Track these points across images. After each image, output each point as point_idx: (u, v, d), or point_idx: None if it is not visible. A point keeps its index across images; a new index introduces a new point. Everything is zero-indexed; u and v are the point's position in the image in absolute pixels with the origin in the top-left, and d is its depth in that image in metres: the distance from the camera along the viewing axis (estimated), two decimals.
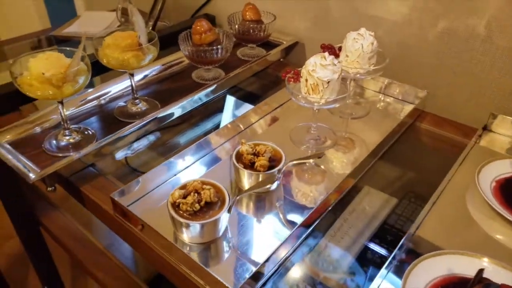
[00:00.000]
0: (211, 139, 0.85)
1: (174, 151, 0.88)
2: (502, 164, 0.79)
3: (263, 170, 0.71)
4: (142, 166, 0.85)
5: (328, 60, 0.76)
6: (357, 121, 0.96)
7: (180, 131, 0.96)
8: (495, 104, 0.94)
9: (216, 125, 0.99)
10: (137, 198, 0.73)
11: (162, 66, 1.11)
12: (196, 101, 0.99)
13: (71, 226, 1.17)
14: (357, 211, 0.76)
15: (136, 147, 0.89)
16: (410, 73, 1.04)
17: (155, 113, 0.91)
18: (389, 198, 0.80)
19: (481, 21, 0.90)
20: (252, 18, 1.11)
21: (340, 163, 0.84)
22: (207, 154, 0.84)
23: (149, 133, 0.92)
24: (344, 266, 0.66)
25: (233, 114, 1.05)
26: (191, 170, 0.81)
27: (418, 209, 0.77)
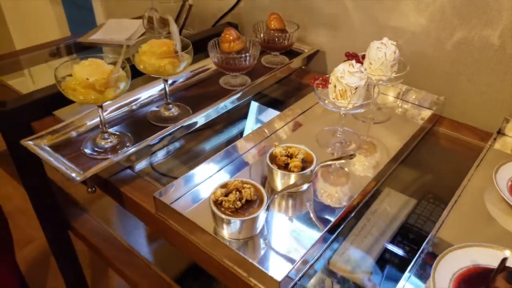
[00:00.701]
0: (240, 144, 0.90)
1: (203, 155, 0.93)
2: None
3: (297, 170, 0.75)
4: (174, 169, 0.90)
5: (356, 67, 0.81)
6: (379, 126, 1.01)
7: (207, 136, 1.00)
8: (509, 110, 0.99)
9: (242, 131, 1.04)
10: (177, 197, 0.77)
11: (190, 73, 1.16)
12: (226, 106, 1.04)
13: (100, 227, 1.21)
14: (379, 212, 0.80)
15: (167, 151, 0.94)
16: (427, 80, 1.09)
17: (189, 117, 0.96)
18: (409, 199, 0.84)
19: (495, 32, 0.95)
20: (277, 27, 1.16)
21: (364, 167, 0.88)
22: (236, 158, 0.89)
23: (179, 138, 0.96)
24: (367, 263, 0.69)
25: (258, 119, 1.10)
26: (223, 172, 0.86)
27: (437, 209, 0.81)
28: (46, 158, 0.84)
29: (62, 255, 1.31)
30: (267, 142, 0.95)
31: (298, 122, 1.03)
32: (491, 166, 0.83)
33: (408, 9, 1.05)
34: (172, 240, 0.76)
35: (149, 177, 0.86)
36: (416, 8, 1.04)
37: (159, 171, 0.89)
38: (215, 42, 1.08)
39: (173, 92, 1.10)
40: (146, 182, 0.84)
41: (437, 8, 1.01)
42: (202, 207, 0.76)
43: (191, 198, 0.78)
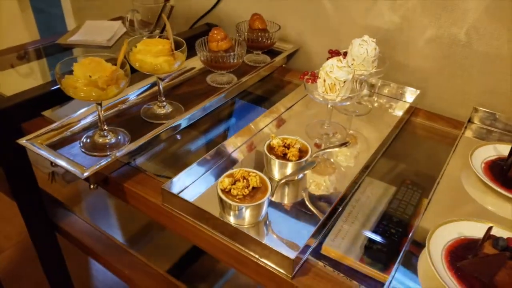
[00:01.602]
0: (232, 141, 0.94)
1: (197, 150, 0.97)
2: (487, 149, 0.93)
3: (295, 159, 0.81)
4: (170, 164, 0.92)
5: (344, 62, 0.87)
6: (361, 118, 1.08)
7: (198, 133, 1.04)
8: (477, 100, 1.09)
9: (229, 129, 1.07)
10: (182, 189, 0.81)
11: (176, 72, 1.18)
12: (217, 103, 1.08)
13: (89, 227, 1.22)
14: (362, 200, 0.85)
15: (162, 146, 0.96)
16: (402, 75, 1.18)
17: (184, 114, 0.99)
18: (389, 186, 0.89)
19: (461, 30, 1.04)
20: (260, 27, 1.21)
21: (350, 157, 0.95)
22: (230, 153, 0.93)
23: (173, 134, 0.99)
24: (357, 247, 0.74)
25: (245, 116, 1.13)
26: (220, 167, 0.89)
27: (415, 194, 0.86)
28: (48, 156, 0.85)
29: (49, 258, 1.30)
30: (257, 138, 0.99)
31: (286, 117, 1.08)
32: (465, 152, 0.92)
33: (383, 9, 1.13)
34: (180, 230, 0.79)
35: (148, 172, 0.89)
36: (390, 8, 1.12)
37: (155, 166, 0.92)
38: (202, 41, 1.12)
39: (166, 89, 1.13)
40: (147, 176, 0.86)
41: (409, 7, 1.09)
42: (205, 197, 0.80)
43: (194, 190, 0.82)
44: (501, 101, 1.06)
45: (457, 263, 0.64)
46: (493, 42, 1.01)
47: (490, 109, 1.05)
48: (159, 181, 0.85)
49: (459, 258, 0.65)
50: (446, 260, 0.65)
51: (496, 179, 0.85)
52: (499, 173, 0.86)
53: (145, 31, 1.41)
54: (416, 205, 0.84)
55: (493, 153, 0.92)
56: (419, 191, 0.89)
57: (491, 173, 0.86)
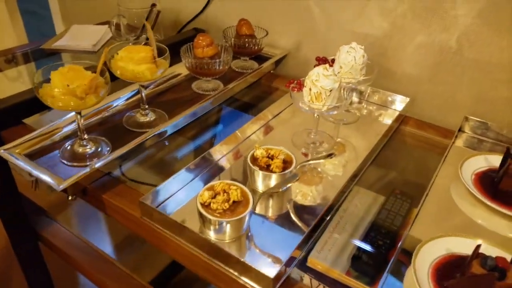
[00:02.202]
0: (218, 149, 0.91)
1: (180, 160, 0.94)
2: (478, 160, 0.91)
3: (279, 171, 0.78)
4: (152, 174, 0.90)
5: (330, 71, 0.85)
6: (349, 127, 1.06)
7: (183, 141, 1.01)
8: (468, 108, 1.07)
9: (216, 136, 1.05)
10: (161, 202, 0.78)
11: (161, 79, 1.16)
12: (202, 110, 1.05)
13: (72, 237, 1.19)
14: (350, 209, 0.83)
15: (145, 155, 0.94)
16: (392, 82, 1.16)
17: (167, 122, 0.97)
18: (377, 196, 0.87)
19: (452, 37, 1.02)
20: (247, 32, 1.19)
21: (336, 167, 0.92)
22: (214, 163, 0.90)
23: (156, 143, 0.97)
24: (344, 259, 0.71)
25: (232, 123, 1.11)
26: (202, 177, 0.87)
27: (404, 204, 0.84)
28: (24, 167, 0.82)
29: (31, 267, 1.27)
30: (243, 146, 0.97)
31: (273, 125, 1.06)
32: (455, 162, 0.89)
33: (372, 15, 1.11)
34: (159, 244, 0.76)
35: (128, 182, 0.86)
36: (380, 13, 1.10)
37: (138, 176, 0.89)
38: (188, 47, 1.09)
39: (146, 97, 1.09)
40: (127, 187, 0.84)
41: (399, 13, 1.07)
42: (186, 210, 0.77)
43: (174, 203, 0.79)
44: (492, 109, 1.04)
45: (444, 282, 0.61)
46: (485, 49, 0.99)
47: (482, 117, 1.03)
48: (139, 192, 0.82)
49: (446, 277, 0.63)
50: (432, 279, 0.63)
51: (486, 191, 0.82)
52: (490, 185, 0.84)
53: (132, 36, 1.39)
54: (405, 215, 0.81)
55: (484, 164, 0.90)
56: (408, 201, 0.87)
57: (482, 185, 0.84)
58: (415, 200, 0.84)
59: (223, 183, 0.71)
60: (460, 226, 0.78)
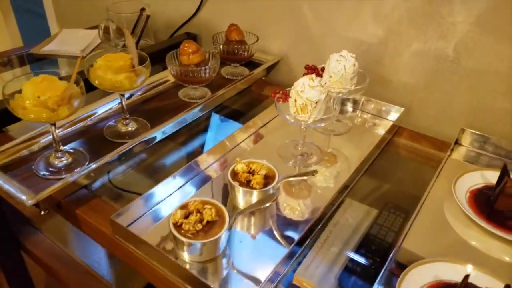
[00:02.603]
0: (202, 159, 0.87)
1: (163, 170, 0.90)
2: (474, 176, 0.86)
3: (259, 187, 0.74)
4: (133, 187, 0.86)
5: (316, 81, 0.81)
6: (340, 137, 1.01)
7: (168, 150, 0.97)
8: (465, 118, 1.02)
9: (203, 144, 1.02)
10: (135, 219, 0.74)
11: (147, 86, 1.12)
12: (186, 119, 1.02)
13: (55, 248, 1.15)
14: (341, 223, 0.80)
15: (126, 167, 0.90)
16: (386, 90, 1.11)
17: (147, 132, 0.93)
18: (370, 209, 0.84)
19: (450, 44, 0.97)
20: (237, 38, 1.15)
21: (327, 179, 0.88)
22: (197, 174, 0.86)
23: (138, 153, 0.93)
24: (332, 276, 0.68)
25: (220, 132, 1.07)
26: (184, 190, 0.83)
27: (398, 219, 0.81)
28: None
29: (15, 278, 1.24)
30: (230, 155, 0.93)
31: (260, 134, 1.02)
32: (450, 177, 0.85)
33: (366, 20, 1.07)
34: (131, 263, 0.72)
35: (106, 196, 0.82)
36: (374, 20, 1.05)
37: (117, 189, 0.86)
38: (173, 54, 1.06)
39: (130, 105, 1.06)
40: (103, 202, 0.80)
41: (394, 19, 1.02)
42: (162, 228, 0.73)
43: (149, 219, 0.75)
44: (490, 120, 0.99)
45: None
46: (483, 58, 0.94)
47: (480, 129, 0.98)
48: (114, 207, 0.78)
49: None
50: None
51: (481, 211, 0.77)
52: (485, 205, 0.79)
53: (121, 41, 1.35)
54: (397, 231, 0.78)
55: (480, 180, 0.85)
56: (401, 215, 0.83)
57: (476, 204, 0.79)
58: (409, 215, 0.80)
59: (197, 201, 0.67)
60: (452, 247, 0.73)
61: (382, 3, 1.02)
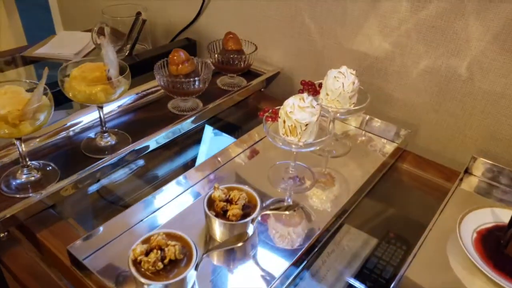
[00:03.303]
0: (185, 178, 0.80)
1: (143, 190, 0.84)
2: (483, 213, 0.76)
3: (236, 219, 0.66)
4: (105, 208, 0.80)
5: (307, 101, 0.73)
6: (338, 159, 0.93)
7: (152, 166, 0.91)
8: (477, 145, 0.92)
9: (193, 158, 0.95)
10: (97, 248, 0.67)
11: (136, 95, 1.06)
12: (172, 134, 0.94)
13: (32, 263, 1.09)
14: (336, 253, 0.73)
15: (101, 185, 0.83)
16: (392, 109, 1.02)
17: (126, 148, 0.86)
18: (369, 238, 0.76)
19: (463, 63, 0.88)
20: (233, 47, 1.07)
21: (321, 205, 0.80)
22: (182, 193, 0.80)
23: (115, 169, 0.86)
24: None
25: (211, 146, 1.00)
26: (160, 214, 0.76)
27: (398, 252, 0.74)
28: None
29: None
30: (221, 172, 0.87)
31: (255, 151, 0.95)
32: (458, 209, 0.76)
33: (372, 33, 0.98)
34: None
35: (75, 217, 0.76)
36: (380, 32, 0.97)
37: (89, 209, 0.79)
38: (163, 63, 0.99)
39: (115, 116, 1.00)
40: (69, 225, 0.73)
41: (402, 33, 0.94)
42: (125, 262, 0.66)
43: (112, 251, 0.67)
44: (505, 149, 0.89)
45: None
46: (499, 80, 0.85)
47: (493, 158, 0.88)
48: (80, 232, 0.72)
49: None
50: None
51: (488, 256, 0.68)
52: (494, 249, 0.69)
53: (118, 45, 1.29)
54: (397, 265, 0.71)
55: (490, 219, 0.75)
56: (403, 247, 0.75)
57: (484, 247, 0.70)
58: (410, 248, 0.72)
59: (161, 235, 0.60)
60: None
61: (389, 15, 0.93)
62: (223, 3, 1.24)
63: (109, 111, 0.99)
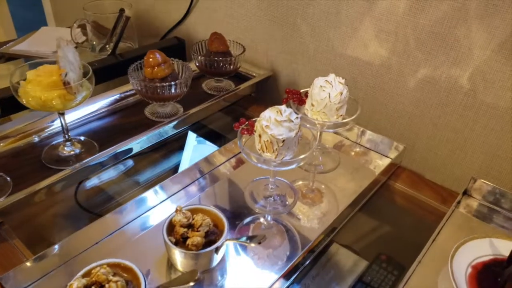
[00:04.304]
0: (150, 195, 0.73)
1: (111, 203, 0.76)
2: (480, 244, 0.67)
3: (196, 249, 0.58)
4: (57, 227, 0.72)
5: (285, 115, 0.65)
6: (326, 174, 0.85)
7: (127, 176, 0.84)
8: (478, 164, 0.84)
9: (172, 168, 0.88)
10: (36, 279, 0.59)
11: (113, 98, 0.98)
12: (148, 141, 0.87)
13: None
14: (321, 275, 0.66)
15: (63, 198, 0.76)
16: (387, 121, 0.94)
17: (91, 158, 0.79)
18: (359, 259, 0.70)
19: (464, 73, 0.80)
20: (219, 49, 0.99)
21: (306, 223, 0.74)
22: (148, 210, 0.73)
23: (81, 181, 0.79)
24: None
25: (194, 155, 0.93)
26: (119, 235, 0.68)
27: (388, 277, 0.67)
28: None
29: None
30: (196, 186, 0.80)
31: (239, 160, 0.87)
32: (453, 237, 0.69)
33: (367, 38, 0.89)
34: None
35: (23, 238, 0.67)
36: (376, 37, 0.88)
37: (36, 230, 0.71)
38: (137, 66, 0.91)
39: (86, 122, 0.92)
40: (12, 248, 0.65)
41: (399, 38, 0.85)
42: None
43: (53, 283, 0.60)
44: (509, 168, 0.80)
45: None
46: (504, 93, 0.76)
47: (494, 177, 0.80)
48: (24, 255, 0.64)
49: None
50: None
51: None
52: (491, 286, 0.61)
53: (102, 43, 1.22)
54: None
55: (488, 251, 0.67)
56: (394, 273, 0.69)
57: (479, 285, 0.61)
58: (403, 273, 0.66)
59: (104, 268, 0.52)
60: None
61: (386, 17, 0.85)
62: (213, 2, 1.16)
63: (80, 116, 0.91)
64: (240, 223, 0.73)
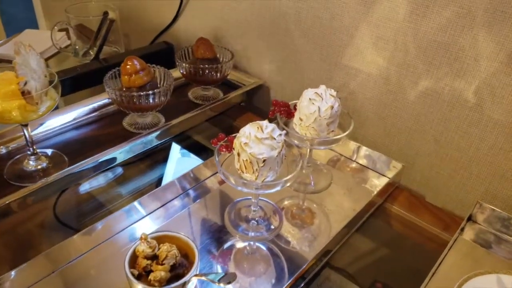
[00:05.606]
0: (121, 215, 0.67)
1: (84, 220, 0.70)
2: (486, 281, 0.60)
3: (159, 285, 0.51)
4: (21, 250, 0.65)
5: (266, 132, 0.57)
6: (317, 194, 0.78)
7: (100, 191, 0.77)
8: (485, 186, 0.76)
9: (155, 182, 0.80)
10: None
11: (91, 106, 0.91)
12: (124, 154, 0.80)
13: None
14: None
15: (21, 221, 0.69)
16: (385, 136, 0.86)
17: (58, 173, 0.72)
18: None
19: (470, 86, 0.72)
20: (205, 56, 0.93)
21: (295, 248, 0.66)
22: (120, 231, 0.66)
23: (47, 198, 0.72)
24: None
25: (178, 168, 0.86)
26: (77, 265, 0.61)
27: None
28: None
29: None
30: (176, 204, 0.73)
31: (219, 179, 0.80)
32: (455, 269, 0.62)
33: (364, 45, 0.82)
34: None
35: None
36: (373, 44, 0.81)
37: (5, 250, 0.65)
38: (115, 73, 0.84)
39: (56, 134, 0.85)
40: None
41: (398, 47, 0.78)
42: None
43: None
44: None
45: None
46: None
47: (502, 200, 0.73)
48: None
49: None
50: None
51: None
52: None
53: (86, 48, 1.16)
54: None
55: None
56: None
57: None
58: None
59: None
60: None
61: (384, 24, 0.78)
62: (203, 5, 1.09)
63: (50, 128, 0.84)
64: (221, 248, 0.66)
